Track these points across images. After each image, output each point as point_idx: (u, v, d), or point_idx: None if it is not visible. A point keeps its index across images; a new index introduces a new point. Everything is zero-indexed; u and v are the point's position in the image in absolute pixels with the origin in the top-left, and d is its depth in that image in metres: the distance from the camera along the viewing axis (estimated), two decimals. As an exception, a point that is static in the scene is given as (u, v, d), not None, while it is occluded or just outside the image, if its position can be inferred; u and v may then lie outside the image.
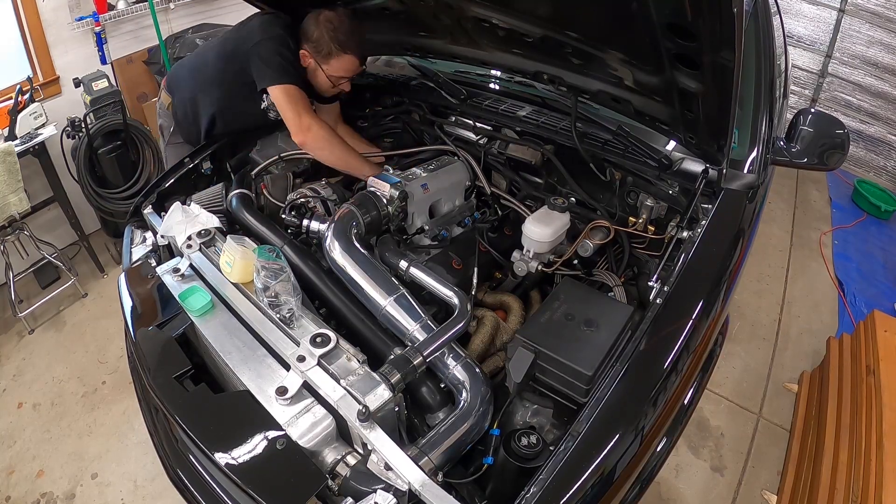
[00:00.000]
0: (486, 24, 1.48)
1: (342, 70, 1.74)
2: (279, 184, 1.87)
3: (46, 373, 2.52)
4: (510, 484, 1.04)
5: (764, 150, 1.50)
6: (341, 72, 1.74)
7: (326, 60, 1.71)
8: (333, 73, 1.74)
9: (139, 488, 2.04)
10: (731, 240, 1.33)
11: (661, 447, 1.18)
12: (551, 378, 1.16)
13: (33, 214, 2.75)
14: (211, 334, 1.20)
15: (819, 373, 2.29)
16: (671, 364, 1.08)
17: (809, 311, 2.86)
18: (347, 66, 1.74)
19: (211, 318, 1.24)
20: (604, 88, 1.54)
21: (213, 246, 1.45)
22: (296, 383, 1.08)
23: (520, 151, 1.82)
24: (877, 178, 4.05)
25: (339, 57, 1.70)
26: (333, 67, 1.72)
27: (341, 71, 1.74)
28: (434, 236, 1.70)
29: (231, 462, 0.99)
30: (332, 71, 1.73)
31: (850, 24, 3.89)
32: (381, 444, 0.98)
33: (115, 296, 1.47)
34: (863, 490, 1.57)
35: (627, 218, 1.60)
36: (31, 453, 2.19)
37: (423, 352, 1.13)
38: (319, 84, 1.79)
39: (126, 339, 1.54)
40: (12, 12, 2.65)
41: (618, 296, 1.41)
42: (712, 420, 2.26)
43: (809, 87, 4.27)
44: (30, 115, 2.54)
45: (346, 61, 1.72)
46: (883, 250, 3.37)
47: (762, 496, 2.01)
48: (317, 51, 1.70)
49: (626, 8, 1.06)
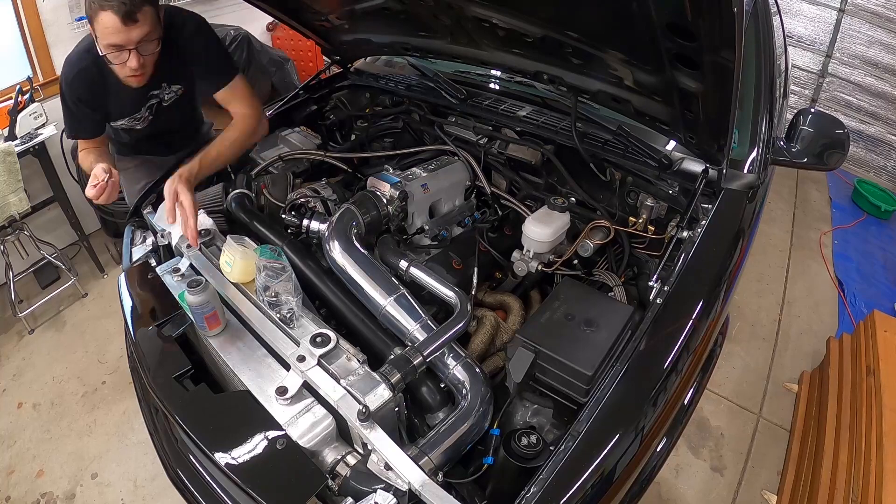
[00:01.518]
0: (486, 24, 1.48)
1: (105, 34, 1.35)
2: (279, 184, 1.87)
3: (46, 373, 2.52)
4: (510, 484, 1.04)
5: (764, 150, 1.50)
6: (105, 37, 1.35)
7: (93, 30, 1.37)
8: (102, 41, 1.38)
9: (139, 488, 2.04)
10: (731, 240, 1.33)
11: (661, 447, 1.18)
12: (551, 378, 1.16)
13: (33, 214, 2.75)
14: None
15: (819, 373, 2.29)
16: (671, 364, 1.08)
17: (809, 311, 2.86)
18: (107, 27, 1.33)
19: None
20: (604, 88, 1.54)
21: (213, 246, 1.45)
22: (296, 383, 1.09)
23: (520, 151, 1.82)
24: (877, 178, 4.05)
25: (97, 18, 1.32)
26: (99, 35, 1.36)
27: (105, 36, 1.35)
28: (434, 236, 1.70)
29: (231, 462, 0.99)
30: (100, 40, 1.38)
31: (850, 24, 3.89)
32: (381, 444, 0.98)
33: (115, 296, 1.47)
34: (863, 490, 1.57)
35: (627, 218, 1.60)
36: (31, 453, 2.19)
37: (423, 352, 1.13)
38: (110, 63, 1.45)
39: (126, 339, 1.55)
40: (12, 12, 2.65)
41: (618, 296, 1.41)
42: (712, 420, 2.26)
43: (809, 87, 4.27)
44: (30, 115, 2.54)
45: (104, 19, 1.32)
46: (883, 250, 3.37)
47: (762, 496, 2.01)
48: (89, 22, 1.36)
49: (626, 8, 1.06)
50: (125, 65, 1.43)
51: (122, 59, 1.42)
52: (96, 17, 1.32)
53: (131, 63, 1.42)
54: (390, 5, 1.67)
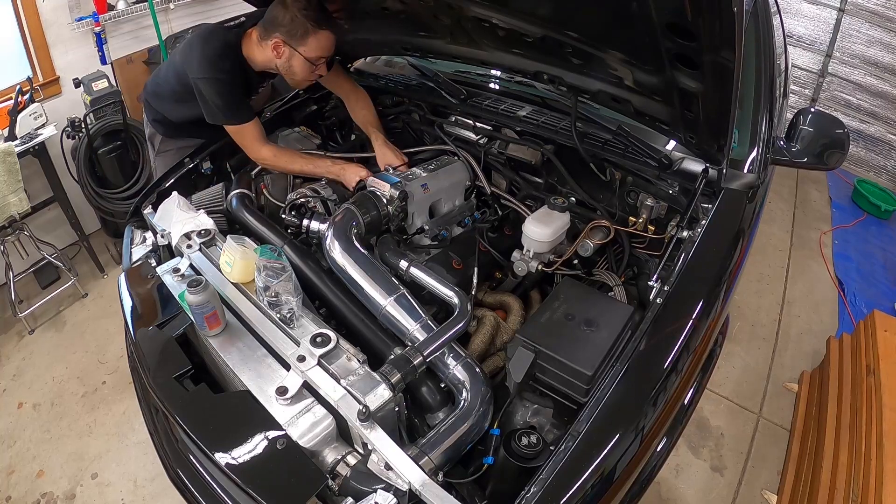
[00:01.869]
0: (486, 24, 1.48)
1: (319, 49, 1.67)
2: (279, 184, 1.87)
3: (46, 373, 2.52)
4: (510, 484, 1.04)
5: (764, 149, 1.50)
6: (319, 51, 1.68)
7: (303, 41, 1.64)
8: (312, 53, 1.67)
9: (139, 488, 2.04)
10: (731, 240, 1.33)
11: (661, 447, 1.18)
12: (551, 378, 1.17)
13: (33, 214, 2.75)
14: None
15: (819, 373, 2.29)
16: (671, 364, 1.08)
17: (809, 311, 2.86)
18: (324, 44, 1.67)
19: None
20: (604, 88, 1.54)
21: (213, 246, 1.45)
22: (296, 383, 1.09)
23: (520, 151, 1.82)
24: (877, 178, 4.04)
25: (315, 34, 1.64)
26: (311, 48, 1.66)
27: (319, 50, 1.68)
28: (434, 236, 1.70)
29: (231, 462, 0.99)
30: (310, 52, 1.66)
31: (850, 23, 3.89)
32: (381, 444, 0.98)
33: (115, 296, 1.47)
34: (863, 490, 1.57)
35: (627, 218, 1.60)
36: (31, 453, 2.19)
37: (423, 352, 1.13)
38: (295, 72, 1.72)
39: (126, 339, 1.55)
40: (12, 12, 2.65)
41: (618, 296, 1.41)
42: (712, 420, 2.26)
43: (809, 87, 4.26)
44: (30, 115, 2.54)
45: (323, 38, 1.66)
46: (883, 250, 3.37)
47: (762, 496, 2.01)
48: (291, 35, 1.63)
49: (626, 8, 1.06)
50: (315, 71, 1.74)
51: (319, 70, 1.75)
52: (315, 34, 1.63)
53: (322, 70, 1.76)
54: (390, 5, 1.67)
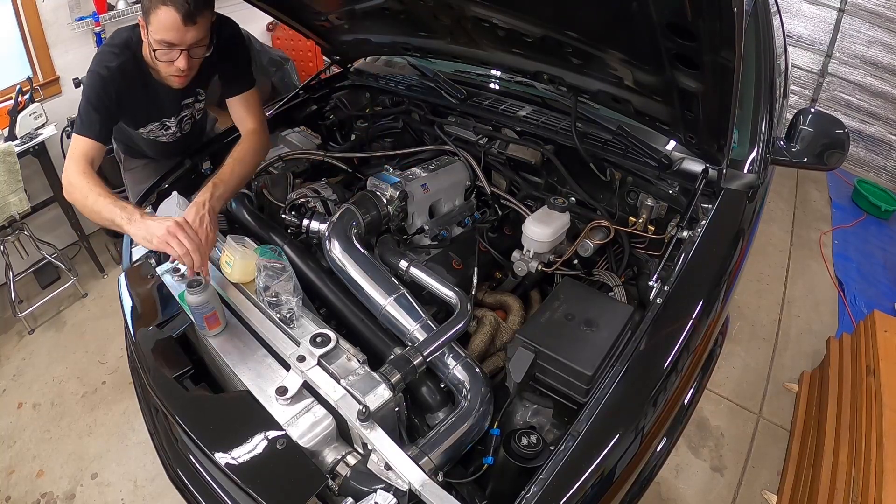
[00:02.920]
0: (486, 24, 1.48)
1: (160, 29, 1.31)
2: (279, 184, 1.87)
3: (46, 373, 2.52)
4: (510, 484, 1.04)
5: (764, 149, 1.50)
6: (160, 32, 1.32)
7: (148, 18, 1.32)
8: (156, 35, 1.33)
9: (139, 488, 2.04)
10: (731, 240, 1.33)
11: (661, 447, 1.18)
12: (551, 378, 1.16)
13: (33, 214, 2.75)
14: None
15: (819, 373, 2.29)
16: (671, 364, 1.08)
17: (809, 311, 2.86)
18: (165, 23, 1.30)
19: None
20: (604, 88, 1.54)
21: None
22: (296, 383, 1.09)
23: (520, 151, 1.82)
24: (877, 178, 4.04)
25: (155, 10, 1.29)
26: (154, 27, 1.32)
27: (160, 32, 1.32)
28: (434, 236, 1.70)
29: (231, 462, 0.99)
30: (154, 32, 1.33)
31: (850, 23, 3.89)
32: (381, 444, 0.98)
33: (115, 296, 1.47)
34: (863, 490, 1.57)
35: (627, 218, 1.60)
36: (31, 453, 2.19)
37: (423, 352, 1.13)
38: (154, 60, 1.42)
39: (126, 339, 1.54)
40: (12, 12, 2.65)
41: (618, 296, 1.41)
42: (712, 420, 2.26)
43: (809, 87, 4.26)
44: (30, 115, 2.54)
45: (162, 15, 1.29)
46: (883, 250, 3.37)
47: (762, 496, 2.01)
48: (144, 11, 1.33)
49: (626, 8, 1.06)
50: (172, 63, 1.39)
51: (171, 57, 1.38)
52: (155, 10, 1.29)
53: (180, 63, 1.39)
54: (390, 5, 1.66)
